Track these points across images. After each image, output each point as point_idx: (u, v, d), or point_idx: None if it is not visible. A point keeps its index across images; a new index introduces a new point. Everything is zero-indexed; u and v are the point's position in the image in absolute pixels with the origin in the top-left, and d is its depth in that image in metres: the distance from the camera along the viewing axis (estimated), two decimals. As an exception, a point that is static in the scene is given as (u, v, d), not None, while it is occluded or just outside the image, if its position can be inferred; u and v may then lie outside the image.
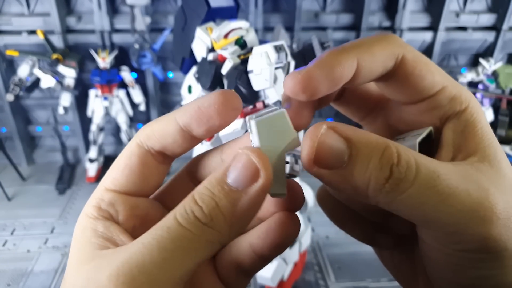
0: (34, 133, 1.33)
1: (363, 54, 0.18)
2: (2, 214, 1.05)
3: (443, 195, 0.16)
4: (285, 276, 0.73)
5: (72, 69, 1.09)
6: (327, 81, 0.17)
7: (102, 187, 0.20)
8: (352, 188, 0.17)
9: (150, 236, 0.16)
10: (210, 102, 0.18)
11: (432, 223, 0.16)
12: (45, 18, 1.12)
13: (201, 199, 0.17)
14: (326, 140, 0.17)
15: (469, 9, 1.25)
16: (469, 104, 0.19)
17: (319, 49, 0.64)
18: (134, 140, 0.20)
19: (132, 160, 0.20)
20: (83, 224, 0.19)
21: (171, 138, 0.19)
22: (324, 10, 1.24)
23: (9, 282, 0.83)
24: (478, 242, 0.16)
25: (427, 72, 0.19)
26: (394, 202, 0.16)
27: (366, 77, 0.19)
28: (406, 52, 0.19)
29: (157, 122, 0.20)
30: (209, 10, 0.65)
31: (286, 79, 0.18)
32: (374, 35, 0.19)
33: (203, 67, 0.64)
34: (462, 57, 1.35)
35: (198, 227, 0.16)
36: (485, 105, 1.20)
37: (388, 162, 0.16)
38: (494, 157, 0.18)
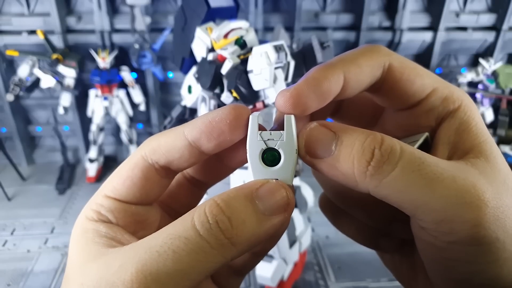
0: (34, 133, 1.33)
1: (349, 67, 0.19)
2: (2, 214, 1.05)
3: (427, 180, 0.16)
4: (285, 276, 0.73)
5: (72, 69, 1.09)
6: (315, 97, 0.18)
7: (102, 193, 0.20)
8: (342, 175, 0.17)
9: (165, 244, 0.16)
10: (222, 117, 0.18)
11: (419, 209, 0.17)
12: (45, 18, 1.12)
13: (229, 209, 0.16)
14: (314, 132, 0.18)
15: (469, 9, 1.25)
16: (462, 103, 0.19)
17: (319, 49, 0.63)
18: (139, 152, 0.20)
19: (134, 173, 0.20)
20: (84, 226, 0.19)
21: (178, 153, 0.19)
22: (324, 10, 1.24)
23: (9, 282, 0.83)
24: (467, 231, 0.16)
25: (416, 76, 0.20)
26: (380, 187, 0.17)
27: (356, 89, 0.19)
28: (392, 60, 0.20)
29: (165, 135, 0.19)
30: (209, 10, 0.65)
31: (277, 97, 0.19)
32: (360, 47, 0.20)
33: (203, 67, 0.64)
34: (462, 57, 1.35)
35: (220, 241, 0.16)
36: (485, 105, 1.20)
37: (370, 146, 0.17)
38: (490, 153, 0.18)
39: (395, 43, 1.25)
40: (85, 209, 0.20)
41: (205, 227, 0.16)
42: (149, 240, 0.16)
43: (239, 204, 0.17)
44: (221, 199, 0.17)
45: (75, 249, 0.19)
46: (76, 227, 0.19)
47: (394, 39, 1.24)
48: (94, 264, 0.17)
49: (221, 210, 0.16)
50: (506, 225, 0.16)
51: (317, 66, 0.19)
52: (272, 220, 0.17)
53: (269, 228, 0.17)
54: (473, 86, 1.20)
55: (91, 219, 0.19)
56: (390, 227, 0.22)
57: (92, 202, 0.20)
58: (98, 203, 0.20)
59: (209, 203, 0.17)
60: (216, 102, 0.66)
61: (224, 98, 0.63)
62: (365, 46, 0.20)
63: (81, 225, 0.19)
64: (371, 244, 0.24)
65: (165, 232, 0.16)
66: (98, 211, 0.19)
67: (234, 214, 0.16)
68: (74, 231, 0.19)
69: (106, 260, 0.17)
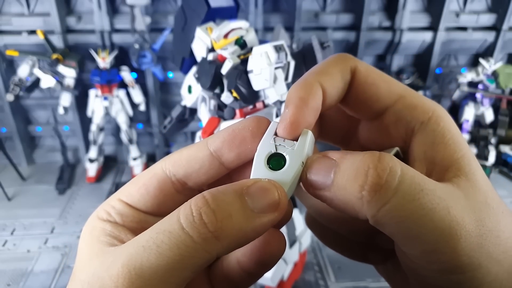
0: (34, 133, 1.33)
1: (323, 78, 0.19)
2: (2, 214, 1.05)
3: (425, 210, 0.15)
4: (285, 276, 0.73)
5: (72, 69, 1.09)
6: (309, 115, 0.19)
7: (117, 196, 0.20)
8: (342, 205, 0.16)
9: (151, 239, 0.16)
10: (245, 125, 0.19)
11: (411, 240, 0.16)
12: (45, 18, 1.12)
13: (215, 202, 0.16)
14: (316, 163, 0.18)
15: (469, 9, 1.25)
16: (434, 113, 0.19)
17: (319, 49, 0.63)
18: (160, 163, 0.20)
19: (151, 182, 0.20)
20: (93, 224, 0.20)
21: (198, 164, 0.19)
22: (324, 10, 1.24)
23: (9, 282, 0.83)
24: (452, 261, 0.16)
25: (381, 81, 0.20)
26: (379, 215, 0.15)
27: (333, 96, 0.20)
28: (359, 65, 0.20)
29: (188, 148, 0.20)
30: (209, 10, 0.65)
31: (278, 129, 0.19)
32: (328, 58, 0.20)
33: (203, 67, 0.64)
34: (462, 57, 1.35)
35: (201, 234, 0.15)
36: (485, 105, 1.20)
37: (363, 167, 0.15)
38: (469, 169, 0.18)
39: (395, 43, 1.25)
40: (99, 208, 0.20)
41: (189, 220, 0.15)
42: (140, 236, 0.17)
43: (226, 198, 0.16)
44: (209, 192, 0.16)
45: (83, 246, 0.19)
46: (87, 225, 0.20)
47: (394, 39, 1.24)
48: (95, 261, 0.17)
49: (206, 203, 0.16)
50: (489, 250, 0.16)
51: (294, 85, 0.19)
52: (261, 218, 0.17)
53: (258, 226, 0.17)
54: (473, 86, 1.20)
55: (100, 219, 0.20)
56: (374, 240, 0.22)
57: (106, 203, 0.20)
58: (111, 205, 0.20)
59: (197, 197, 0.16)
60: (216, 102, 0.66)
61: (224, 98, 0.63)
62: (332, 56, 0.20)
63: (91, 223, 0.20)
64: (360, 258, 0.23)
65: (154, 227, 0.16)
66: (109, 212, 0.20)
67: (219, 207, 0.16)
68: (85, 228, 0.20)
69: (103, 257, 0.17)
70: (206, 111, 0.67)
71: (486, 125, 1.23)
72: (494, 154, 1.21)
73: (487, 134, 1.22)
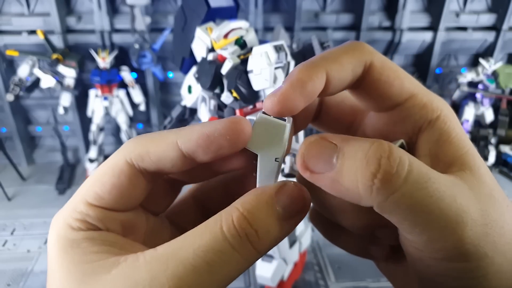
0: (34, 133, 1.33)
1: (331, 65, 0.18)
2: (2, 214, 1.05)
3: (433, 198, 0.15)
4: (285, 276, 0.73)
5: (72, 69, 1.09)
6: (302, 98, 0.18)
7: (83, 201, 0.18)
8: (345, 190, 0.16)
9: (199, 258, 0.16)
10: (222, 132, 0.18)
11: (419, 227, 0.16)
12: (45, 18, 1.12)
13: (256, 222, 0.17)
14: (313, 146, 0.17)
15: (469, 9, 1.25)
16: (442, 113, 0.19)
17: (319, 49, 0.64)
18: (122, 157, 0.19)
19: (121, 180, 0.18)
20: (69, 237, 0.17)
21: (171, 164, 0.19)
22: (324, 10, 1.24)
23: (9, 282, 0.83)
24: (457, 249, 0.16)
25: (395, 78, 0.19)
26: (387, 203, 0.16)
27: (337, 86, 0.19)
28: (374, 59, 0.19)
29: (153, 143, 0.18)
30: (209, 10, 0.65)
31: (265, 101, 0.18)
32: (344, 44, 0.20)
33: (203, 67, 0.64)
34: (462, 57, 1.35)
35: (249, 252, 0.17)
36: (485, 105, 1.20)
37: (375, 156, 0.15)
38: (473, 164, 0.18)
39: (395, 43, 1.25)
40: (64, 219, 0.18)
41: (237, 240, 0.16)
42: (177, 251, 0.16)
43: (263, 215, 0.17)
44: (247, 211, 0.17)
45: (64, 265, 0.17)
46: (58, 240, 0.17)
47: (394, 39, 1.24)
48: (106, 276, 0.16)
49: (248, 224, 0.17)
50: (494, 240, 0.16)
51: (299, 65, 0.19)
52: (291, 223, 0.18)
53: (288, 230, 0.18)
54: (473, 86, 1.20)
55: (77, 229, 0.18)
56: (376, 233, 0.22)
57: (71, 211, 0.18)
58: (83, 212, 0.18)
59: (236, 215, 0.17)
60: (216, 102, 0.66)
61: (224, 98, 0.63)
62: (349, 43, 0.20)
63: (66, 237, 0.17)
64: (363, 254, 0.24)
65: (194, 244, 0.16)
66: (84, 220, 0.18)
67: (260, 227, 0.17)
68: (55, 245, 0.17)
69: (123, 271, 0.16)
70: (206, 111, 0.67)
71: (486, 125, 1.23)
72: (494, 154, 1.21)
73: (487, 134, 1.22)
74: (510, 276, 0.17)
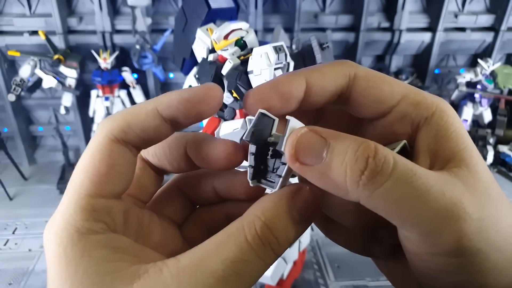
0: (36, 133, 1.33)
1: (312, 73, 0.20)
2: (3, 213, 1.06)
3: (418, 191, 0.16)
4: (285, 275, 0.74)
5: (73, 69, 1.10)
6: (276, 95, 0.19)
7: (80, 196, 0.17)
8: (332, 183, 0.17)
9: (229, 269, 0.17)
10: (201, 97, 0.19)
11: (408, 221, 0.17)
12: (47, 19, 1.13)
13: (277, 231, 0.18)
14: (305, 138, 0.18)
15: (467, 9, 1.26)
16: (437, 108, 0.19)
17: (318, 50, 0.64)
18: (104, 136, 0.18)
19: (113, 159, 0.18)
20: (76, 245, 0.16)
21: (153, 132, 0.19)
22: (323, 11, 1.25)
23: (11, 281, 0.83)
24: (451, 243, 0.16)
25: (383, 83, 0.20)
26: (372, 197, 0.16)
27: (320, 95, 0.20)
28: (358, 70, 0.20)
29: (132, 114, 0.19)
30: (210, 11, 0.66)
31: (245, 96, 0.20)
32: (328, 62, 0.21)
33: (203, 68, 0.64)
34: (461, 57, 1.36)
35: (270, 257, 0.18)
36: (483, 105, 1.20)
37: (364, 155, 0.16)
38: (470, 161, 0.18)
39: (394, 44, 1.25)
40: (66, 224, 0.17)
41: (261, 249, 0.17)
42: (204, 263, 0.17)
43: (283, 223, 0.18)
44: (269, 220, 0.18)
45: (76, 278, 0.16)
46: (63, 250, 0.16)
47: (393, 39, 1.24)
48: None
49: (271, 234, 0.18)
50: (489, 236, 0.16)
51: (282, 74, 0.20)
52: (306, 225, 0.19)
53: (302, 232, 0.19)
54: (471, 86, 1.20)
55: (86, 232, 0.17)
56: (378, 233, 0.22)
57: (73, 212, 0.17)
58: (87, 209, 0.17)
59: (259, 225, 0.18)
60: (217, 102, 0.66)
61: (224, 99, 0.64)
62: (333, 60, 0.21)
63: (73, 245, 0.16)
64: (364, 252, 0.24)
65: (221, 255, 0.17)
66: (92, 217, 0.17)
67: (281, 234, 0.18)
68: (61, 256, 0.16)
69: (147, 285, 0.16)
70: (207, 111, 0.68)
71: (484, 125, 1.23)
72: (492, 154, 1.22)
73: (486, 134, 1.22)
74: (507, 273, 0.17)
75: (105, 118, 0.19)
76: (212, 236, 0.18)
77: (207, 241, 0.18)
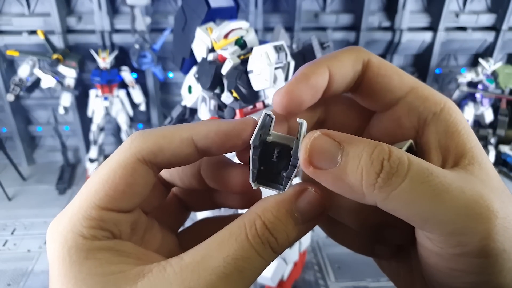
0: (35, 133, 1.33)
1: (332, 62, 0.20)
2: (2, 214, 1.05)
3: (436, 191, 0.16)
4: (285, 276, 0.73)
5: (72, 69, 1.09)
6: (308, 90, 0.19)
7: (92, 205, 0.17)
8: (348, 187, 0.17)
9: (231, 266, 0.17)
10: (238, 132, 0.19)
11: (428, 221, 0.16)
12: (46, 18, 1.13)
13: (276, 231, 0.18)
14: (319, 142, 0.18)
15: (468, 9, 1.26)
16: (445, 105, 0.19)
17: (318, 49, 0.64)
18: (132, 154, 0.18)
19: (134, 179, 0.18)
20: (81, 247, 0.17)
21: (184, 159, 0.19)
22: (324, 10, 1.24)
23: (10, 282, 0.83)
24: (477, 243, 0.16)
25: (393, 73, 0.20)
26: (389, 199, 0.16)
27: (340, 83, 0.20)
28: (372, 57, 0.20)
29: (165, 139, 0.19)
30: (209, 10, 0.66)
31: (273, 96, 0.19)
32: (342, 48, 0.21)
33: (203, 67, 0.64)
34: (462, 57, 1.35)
35: (270, 255, 0.18)
36: (484, 105, 1.20)
37: (379, 158, 0.16)
38: (481, 159, 0.18)
39: (395, 43, 1.25)
40: (73, 228, 0.17)
41: (261, 248, 0.18)
42: (206, 260, 0.17)
43: (282, 224, 0.18)
44: (268, 220, 0.18)
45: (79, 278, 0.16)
46: (68, 251, 0.17)
47: (394, 39, 1.24)
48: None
49: (270, 234, 0.18)
50: (511, 235, 0.16)
51: (303, 65, 0.20)
52: (309, 226, 0.19)
53: (305, 232, 0.19)
54: (472, 86, 1.20)
55: (91, 238, 0.17)
56: (383, 234, 0.22)
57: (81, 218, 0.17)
58: (95, 219, 0.17)
59: (259, 225, 0.18)
60: (216, 102, 0.66)
61: (224, 98, 0.63)
62: (347, 47, 0.21)
63: (78, 248, 0.17)
64: (367, 252, 0.24)
65: (223, 253, 0.17)
66: (98, 226, 0.17)
67: (280, 234, 0.18)
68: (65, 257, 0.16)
69: (151, 283, 0.16)
70: (206, 111, 0.68)
71: (485, 125, 1.23)
72: (494, 154, 1.22)
73: (487, 134, 1.22)
74: None
75: (138, 133, 0.19)
76: (214, 234, 0.18)
77: (209, 239, 0.18)
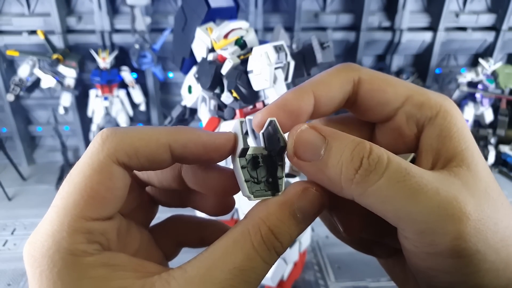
0: (35, 133, 1.33)
1: (317, 86, 0.20)
2: (2, 214, 1.05)
3: (411, 190, 0.16)
4: (285, 276, 0.73)
5: (72, 69, 1.09)
6: (285, 115, 0.20)
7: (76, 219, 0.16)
8: (328, 179, 0.18)
9: (238, 277, 0.17)
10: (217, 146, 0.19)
11: (402, 219, 0.17)
12: (46, 18, 1.13)
13: (280, 236, 0.18)
14: (304, 134, 0.19)
15: (468, 9, 1.25)
16: (441, 108, 0.19)
17: (318, 49, 0.64)
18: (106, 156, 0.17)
19: (113, 183, 0.17)
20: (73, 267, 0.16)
21: (158, 164, 0.19)
22: (324, 10, 1.24)
23: (10, 282, 0.83)
24: (448, 243, 0.16)
25: (387, 85, 0.20)
26: (365, 195, 0.17)
27: (329, 105, 0.20)
28: (362, 74, 0.20)
29: (141, 141, 0.18)
30: (209, 10, 0.66)
31: (253, 118, 0.20)
32: (331, 68, 0.21)
33: (203, 67, 0.64)
34: (462, 57, 1.35)
35: (274, 259, 0.18)
36: (484, 105, 1.20)
37: (359, 155, 0.17)
38: (471, 160, 0.18)
39: (395, 43, 1.25)
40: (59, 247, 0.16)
41: (267, 254, 0.18)
42: (212, 273, 0.17)
43: (286, 227, 0.18)
44: (273, 225, 0.18)
45: None
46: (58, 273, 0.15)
47: (393, 39, 1.24)
48: None
49: (275, 239, 0.18)
50: (487, 236, 0.16)
51: (289, 90, 0.20)
52: (308, 223, 0.19)
53: (304, 229, 0.19)
54: (472, 86, 1.20)
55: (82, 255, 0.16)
56: (384, 240, 0.23)
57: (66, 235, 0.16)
58: (83, 232, 0.16)
59: (264, 231, 0.18)
60: (216, 102, 0.66)
61: (224, 98, 0.63)
62: (335, 66, 0.21)
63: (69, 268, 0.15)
64: (366, 251, 0.24)
65: (229, 264, 0.17)
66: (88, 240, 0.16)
67: (285, 237, 0.18)
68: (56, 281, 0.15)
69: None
70: (206, 111, 0.68)
71: (485, 125, 1.23)
72: (494, 154, 1.21)
73: (487, 134, 1.22)
74: (503, 275, 0.17)
75: (109, 132, 0.18)
76: (216, 242, 0.18)
77: (213, 249, 0.18)
